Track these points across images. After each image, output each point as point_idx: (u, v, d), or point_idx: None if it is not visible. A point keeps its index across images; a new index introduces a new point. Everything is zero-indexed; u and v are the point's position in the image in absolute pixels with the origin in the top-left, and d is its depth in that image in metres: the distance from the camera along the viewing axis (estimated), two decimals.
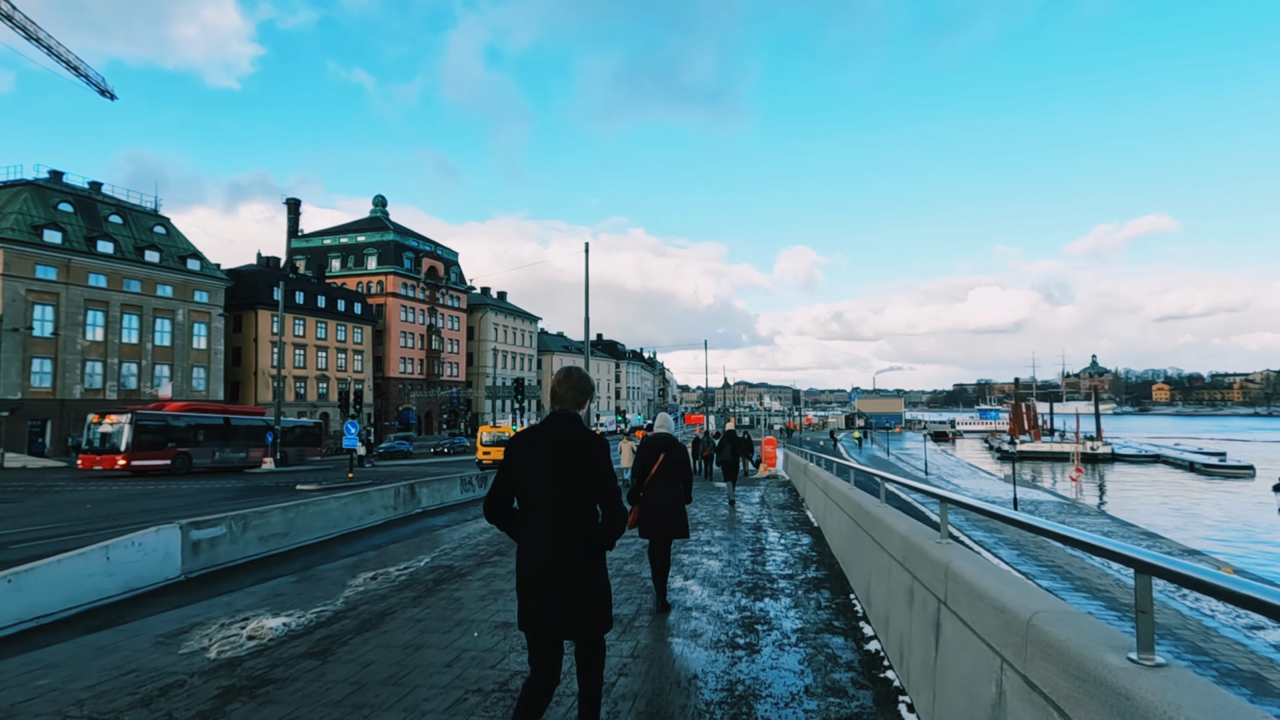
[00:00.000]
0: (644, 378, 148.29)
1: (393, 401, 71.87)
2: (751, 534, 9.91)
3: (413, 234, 79.86)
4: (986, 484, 43.81)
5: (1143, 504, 39.15)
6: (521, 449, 2.97)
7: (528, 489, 2.92)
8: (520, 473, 2.94)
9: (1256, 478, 55.95)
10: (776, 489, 18.59)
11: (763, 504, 14.44)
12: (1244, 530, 31.56)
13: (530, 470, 2.92)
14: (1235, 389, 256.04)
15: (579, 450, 2.91)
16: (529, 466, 2.92)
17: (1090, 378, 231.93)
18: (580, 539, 2.85)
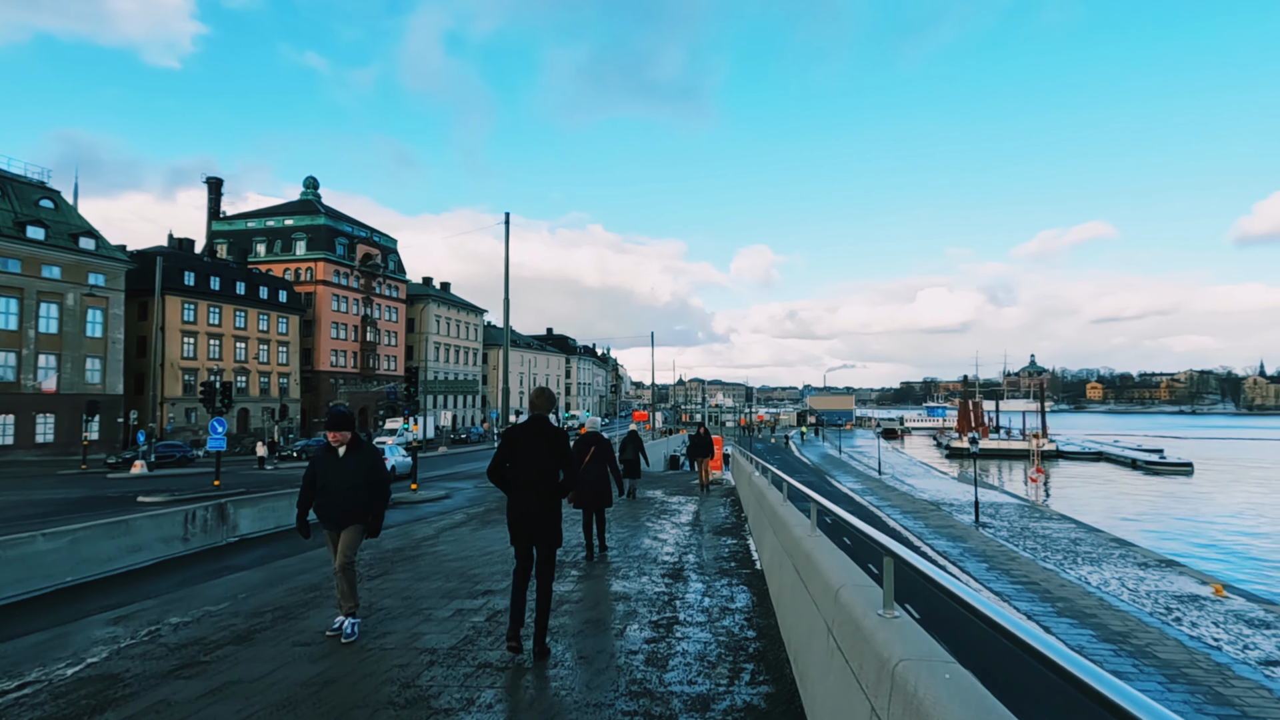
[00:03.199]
0: (596, 374, 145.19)
1: (323, 397, 67.19)
2: (663, 584, 7.11)
3: (347, 219, 74.98)
4: (941, 484, 42.60)
5: (1100, 506, 38.34)
6: (518, 437, 4.91)
7: (521, 461, 4.86)
8: (517, 451, 4.88)
9: (1194, 475, 56.73)
10: (717, 501, 16.04)
11: (695, 525, 11.76)
12: (1212, 534, 30.69)
13: (524, 450, 4.87)
14: (1162, 388, 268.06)
15: (552, 439, 4.93)
16: (523, 448, 4.88)
17: (1029, 377, 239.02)
18: (552, 491, 4.86)
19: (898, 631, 2.29)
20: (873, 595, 2.78)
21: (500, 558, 8.72)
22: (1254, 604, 16.71)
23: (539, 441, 4.88)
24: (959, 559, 20.22)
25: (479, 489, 21.09)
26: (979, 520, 26.78)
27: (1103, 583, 18.16)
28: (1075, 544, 23.18)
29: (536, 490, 4.77)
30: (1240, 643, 13.91)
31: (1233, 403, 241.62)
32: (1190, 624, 14.96)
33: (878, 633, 2.31)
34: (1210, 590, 17.43)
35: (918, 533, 24.09)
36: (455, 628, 5.54)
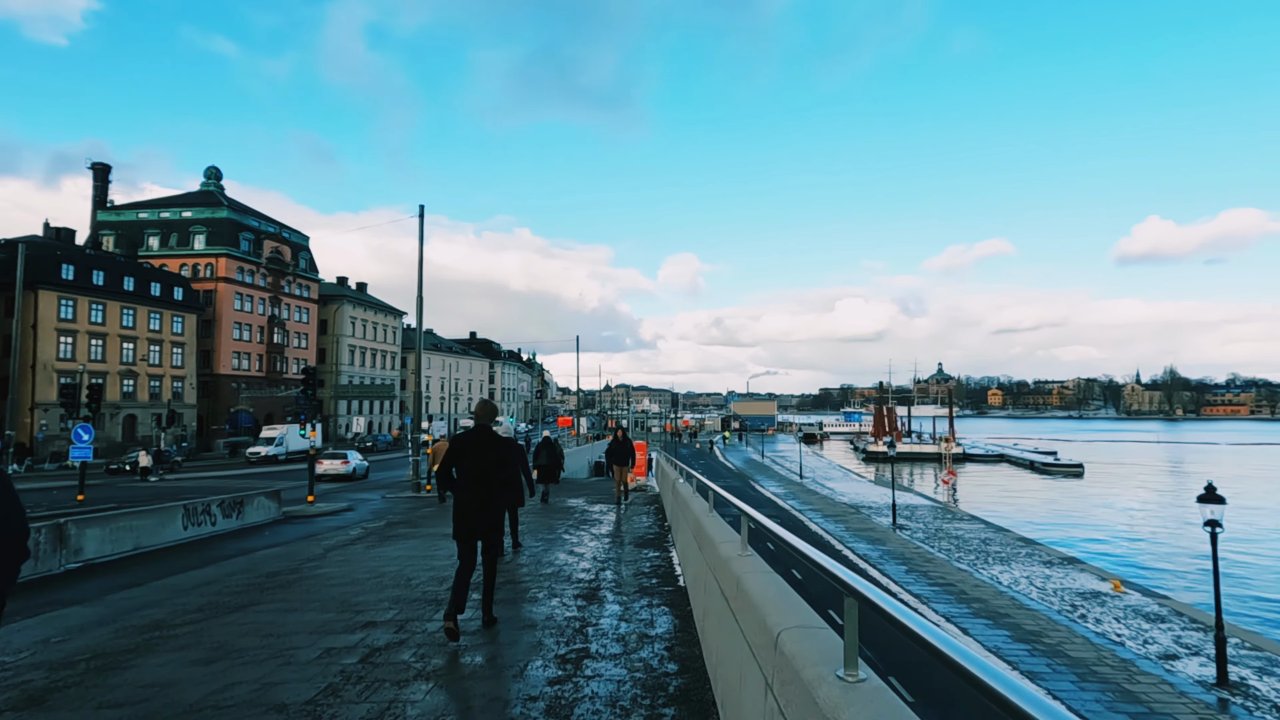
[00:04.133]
0: (521, 379, 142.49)
1: (223, 402, 62.58)
2: (575, 607, 6.36)
3: (254, 213, 70.38)
4: (860, 487, 43.62)
5: (1005, 506, 40.17)
6: (467, 443, 5.55)
7: (470, 465, 5.47)
8: (466, 456, 5.49)
9: (1085, 475, 60.76)
10: (641, 509, 15.43)
11: (615, 537, 11.07)
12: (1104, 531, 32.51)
13: (473, 455, 5.49)
14: (1054, 394, 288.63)
15: (497, 445, 5.59)
16: (472, 453, 5.50)
17: (938, 383, 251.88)
18: (496, 490, 5.50)
19: (870, 707, 1.66)
20: (827, 646, 2.15)
21: (394, 580, 7.74)
22: (1149, 599, 17.51)
23: (484, 448, 5.55)
24: (879, 562, 20.37)
25: (387, 500, 19.65)
26: (896, 523, 27.32)
27: (1013, 582, 18.64)
28: (986, 544, 23.90)
29: (482, 492, 5.48)
30: (1140, 638, 14.42)
31: (1114, 408, 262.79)
32: (1095, 620, 15.44)
33: (843, 710, 1.67)
34: (1110, 586, 18.18)
35: (839, 536, 24.26)
36: (318, 674, 4.61)
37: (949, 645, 1.48)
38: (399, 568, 8.45)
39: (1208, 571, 13.28)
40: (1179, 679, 12.19)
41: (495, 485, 5.46)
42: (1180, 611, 16.33)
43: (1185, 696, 11.35)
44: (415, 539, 11.03)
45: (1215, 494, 12.90)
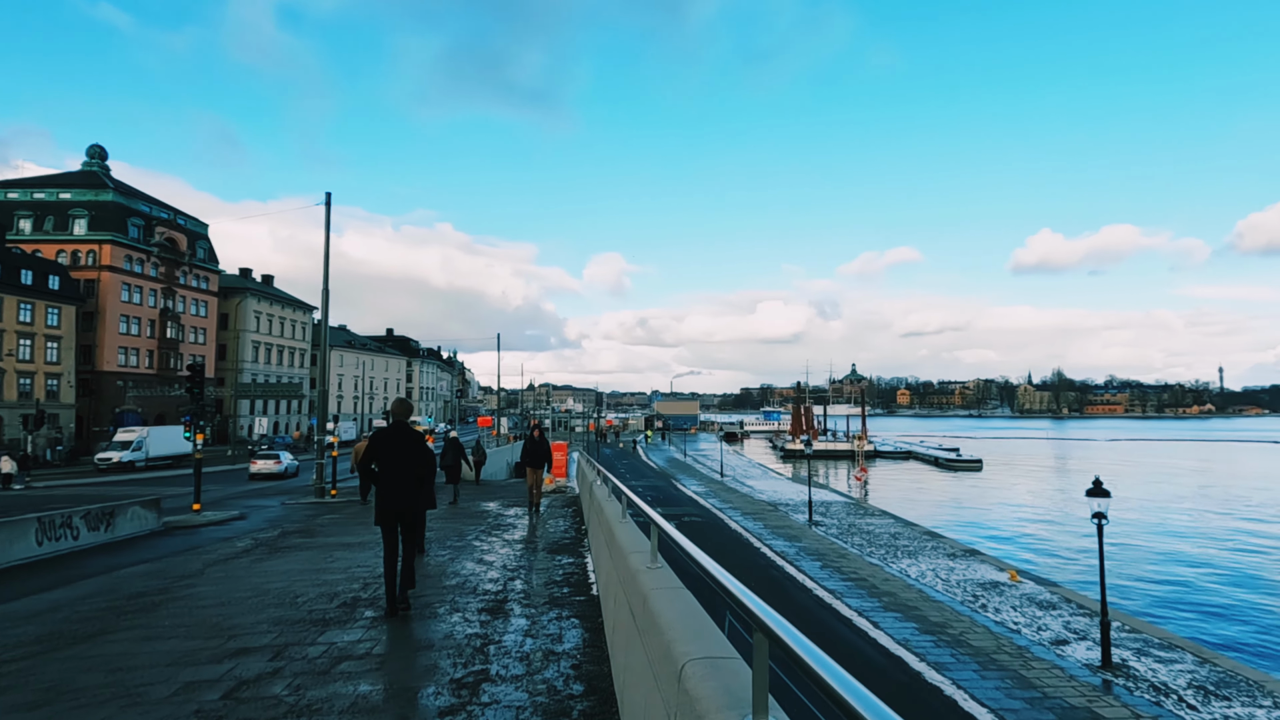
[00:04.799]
0: (441, 378, 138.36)
1: (108, 401, 57.47)
2: (478, 623, 5.86)
3: (145, 197, 65.06)
4: (778, 484, 44.62)
5: (913, 501, 42.06)
6: (386, 439, 6.10)
7: (390, 459, 6.05)
8: (385, 450, 6.05)
9: (984, 470, 64.61)
10: (559, 511, 15.01)
11: (528, 543, 10.63)
12: (1001, 522, 34.49)
13: (392, 449, 6.06)
14: (956, 395, 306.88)
15: (414, 440, 6.14)
16: (391, 448, 6.06)
17: (851, 384, 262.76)
18: (415, 480, 6.11)
19: None
20: (736, 683, 1.88)
21: (278, 598, 7.04)
22: (1041, 587, 18.55)
23: (401, 443, 6.14)
24: (796, 559, 20.72)
25: (286, 507, 18.34)
26: (813, 519, 27.99)
27: (920, 575, 19.35)
28: (895, 538, 24.80)
29: (401, 483, 6.10)
30: (1035, 625, 15.20)
31: (1009, 407, 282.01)
32: (994, 609, 16.18)
33: None
34: (1007, 576, 19.15)
35: (758, 534, 24.59)
36: (167, 716, 4.00)
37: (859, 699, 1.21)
38: (286, 584, 7.73)
39: (1094, 560, 14.14)
40: (1068, 663, 12.88)
41: (413, 477, 6.14)
42: (1069, 598, 17.37)
43: (1074, 680, 11.98)
44: (310, 550, 10.22)
45: (1102, 488, 13.73)
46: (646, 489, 37.59)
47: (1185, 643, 14.52)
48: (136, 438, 42.22)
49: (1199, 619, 19.43)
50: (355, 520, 14.25)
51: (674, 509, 29.79)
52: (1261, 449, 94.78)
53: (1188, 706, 11.18)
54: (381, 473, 6.05)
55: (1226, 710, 11.03)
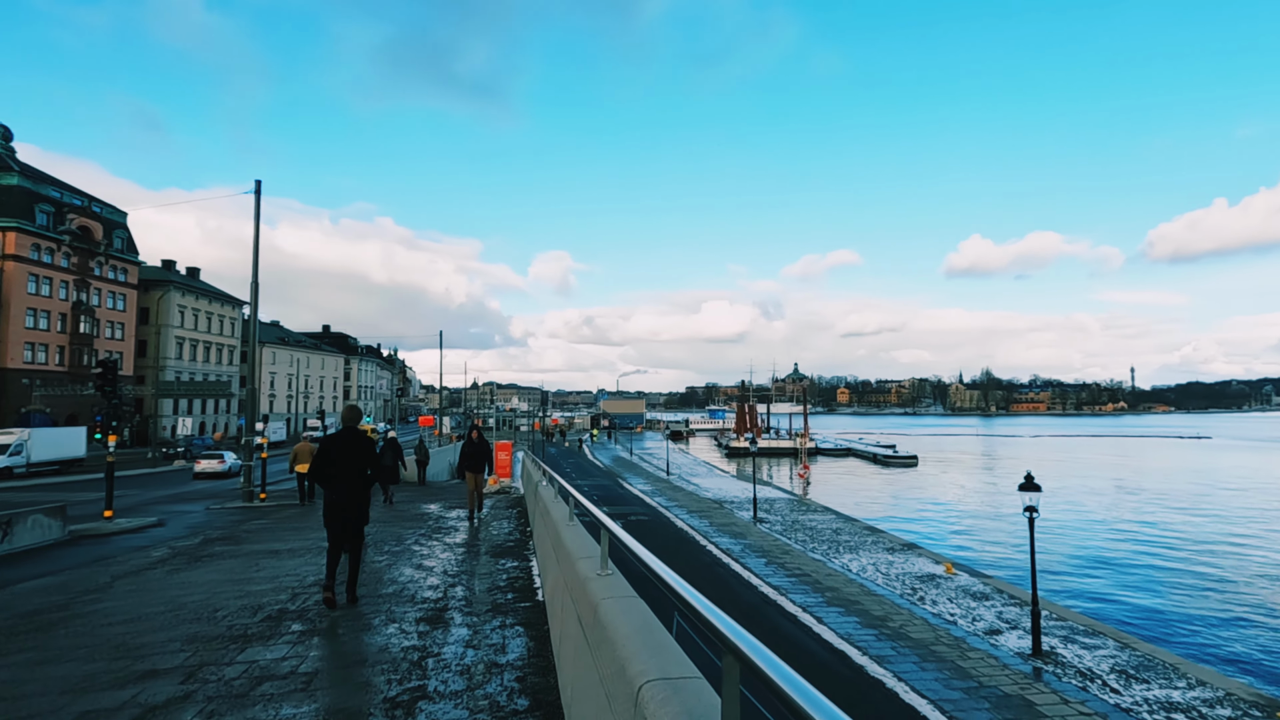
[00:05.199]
0: (381, 376, 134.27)
1: (12, 400, 53.42)
2: (416, 634, 5.54)
3: (55, 181, 60.68)
4: (723, 482, 45.02)
5: (853, 497, 43.10)
6: (338, 443, 6.50)
7: (341, 462, 6.44)
8: (338, 454, 6.45)
9: (919, 465, 66.90)
10: (503, 513, 14.63)
11: (470, 546, 10.27)
12: (936, 516, 35.66)
13: (343, 453, 6.46)
14: (893, 393, 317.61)
15: (364, 444, 6.58)
16: (343, 451, 6.47)
17: (794, 383, 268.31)
18: (364, 483, 6.53)
19: None
20: (698, 704, 1.70)
21: (195, 613, 6.51)
22: (975, 578, 19.20)
23: (352, 446, 6.56)
24: (741, 556, 20.85)
25: (211, 512, 17.30)
26: (757, 516, 28.29)
27: (861, 569, 19.76)
28: (837, 534, 25.30)
29: (350, 485, 6.50)
30: (970, 616, 15.68)
31: (941, 405, 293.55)
32: (932, 602, 16.63)
33: None
34: (943, 569, 19.74)
35: (704, 531, 24.66)
36: None
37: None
38: (205, 596, 7.18)
39: (1024, 550, 14.68)
40: (1002, 652, 13.32)
41: (362, 479, 6.59)
42: (1001, 589, 18.03)
43: (1007, 668, 12.39)
44: (234, 559, 9.58)
45: (1033, 483, 14.25)
46: (593, 488, 37.31)
47: (1107, 629, 15.23)
48: (15, 440, 36.14)
49: (1118, 605, 20.49)
50: (285, 525, 13.53)
51: (620, 508, 29.63)
52: (1168, 444, 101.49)
53: (1111, 690, 11.69)
54: (333, 474, 6.48)
55: (1146, 692, 11.58)
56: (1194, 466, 66.44)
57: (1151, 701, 11.18)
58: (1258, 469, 63.95)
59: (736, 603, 15.81)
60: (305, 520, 14.17)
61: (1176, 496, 43.72)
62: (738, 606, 15.51)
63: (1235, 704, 11.11)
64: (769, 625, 14.28)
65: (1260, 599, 20.98)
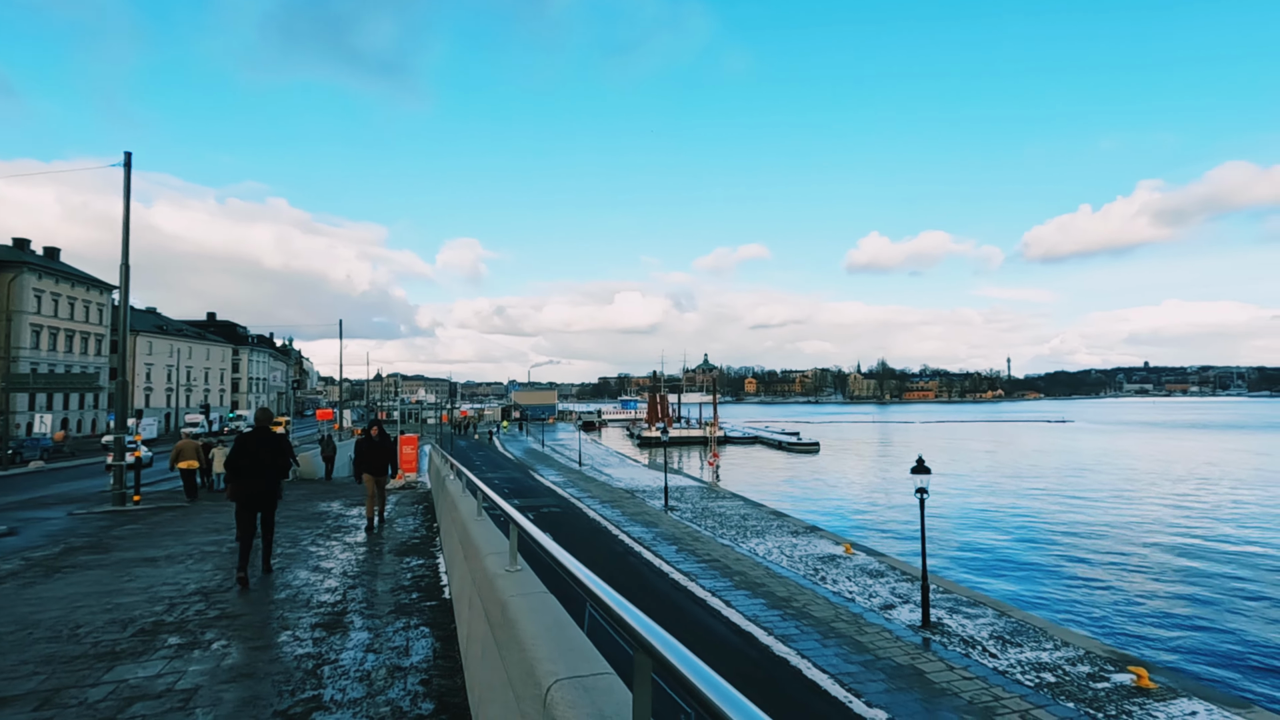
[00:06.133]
0: (274, 368, 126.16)
1: None
2: (311, 641, 5.23)
3: None
4: (635, 471, 45.39)
5: (759, 483, 44.57)
6: (252, 440, 7.57)
7: (254, 456, 7.49)
8: (251, 448, 7.49)
9: (820, 452, 70.05)
10: (408, 509, 14.11)
11: (372, 546, 9.83)
12: (836, 499, 37.42)
13: (256, 448, 7.53)
14: (797, 383, 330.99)
15: (275, 441, 7.71)
16: (256, 447, 7.54)
17: (704, 373, 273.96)
18: (275, 475, 7.67)
19: None
20: (610, 702, 1.64)
21: (52, 631, 5.83)
22: (872, 557, 20.30)
23: (263, 442, 7.63)
24: (653, 544, 21.10)
25: (75, 517, 15.66)
26: (668, 505, 28.72)
27: (767, 552, 20.45)
28: (745, 519, 26.07)
29: (262, 477, 7.53)
30: (867, 593, 16.56)
31: (841, 394, 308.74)
32: (832, 581, 17.45)
33: None
34: (842, 550, 20.74)
35: (616, 521, 24.77)
36: None
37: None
38: (64, 612, 6.47)
39: (916, 529, 15.64)
40: (895, 625, 14.16)
41: (272, 472, 7.68)
42: (895, 566, 19.16)
43: (900, 640, 13.18)
44: (102, 569, 8.70)
45: (924, 465, 15.19)
46: (504, 481, 36.69)
47: (988, 599, 16.50)
48: None
49: (998, 576, 22.25)
50: (163, 530, 12.44)
51: (532, 500, 29.28)
52: (1038, 428, 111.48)
53: (989, 655, 12.67)
54: (245, 466, 7.44)
55: (1019, 655, 12.63)
56: (1058, 448, 73.14)
57: (1024, 663, 12.20)
58: (1110, 450, 71.24)
59: (649, 590, 15.99)
60: (185, 523, 13.10)
61: (1044, 476, 47.99)
62: (650, 594, 15.69)
63: (1093, 661, 12.31)
64: (680, 610, 14.53)
65: (1114, 566, 23.37)
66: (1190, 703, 10.67)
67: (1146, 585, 21.15)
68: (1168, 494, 38.87)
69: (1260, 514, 32.17)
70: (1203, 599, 19.71)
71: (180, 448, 18.17)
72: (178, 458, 18.09)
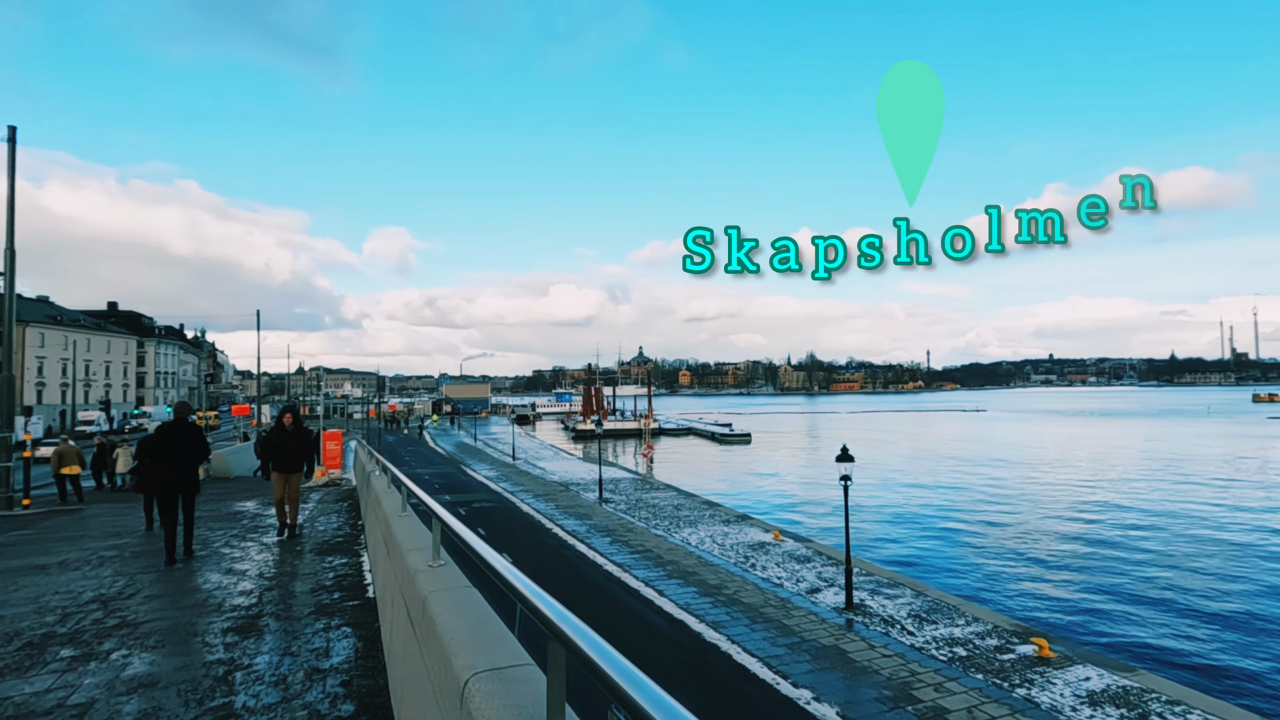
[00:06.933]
0: (185, 361, 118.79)
1: None
2: (222, 647, 4.93)
3: None
4: (569, 465, 45.23)
5: (693, 473, 45.22)
6: (169, 432, 8.33)
7: (172, 447, 8.28)
8: (168, 440, 8.27)
9: (752, 443, 71.68)
10: (332, 507, 13.61)
11: (291, 546, 9.45)
12: (767, 488, 38.37)
13: (174, 440, 8.31)
14: (729, 375, 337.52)
15: (192, 432, 8.51)
16: (173, 439, 8.32)
17: (639, 366, 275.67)
18: (192, 463, 8.47)
19: None
20: (527, 693, 1.63)
21: None
22: (800, 543, 20.94)
23: (180, 434, 8.34)
24: (586, 536, 21.10)
25: None
26: (603, 497, 28.76)
27: (700, 542, 20.79)
28: (678, 509, 26.41)
29: (180, 465, 8.29)
30: (794, 578, 17.08)
31: (772, 386, 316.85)
32: (762, 568, 17.90)
33: None
34: (772, 537, 21.31)
35: (549, 515, 24.64)
36: None
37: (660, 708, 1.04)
38: None
39: (842, 515, 16.22)
40: (821, 608, 14.67)
41: (192, 460, 8.40)
42: (822, 551, 19.84)
43: (825, 623, 13.67)
44: None
45: (848, 454, 15.76)
46: (434, 476, 35.86)
47: (906, 580, 17.30)
48: None
49: (917, 558, 23.36)
50: (55, 535, 11.54)
51: (464, 495, 28.75)
52: (954, 417, 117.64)
53: (907, 632, 13.30)
54: (166, 459, 8.14)
55: (935, 631, 13.32)
56: (974, 437, 77.36)
57: (939, 639, 12.88)
58: (1020, 437, 75.91)
59: (583, 582, 15.99)
60: (81, 527, 12.21)
61: (961, 462, 50.68)
62: (584, 585, 15.69)
63: (1001, 634, 13.12)
64: (614, 601, 14.60)
65: (1022, 545, 24.93)
66: (1084, 669, 11.52)
67: (1050, 561, 22.67)
68: (1070, 478, 41.77)
69: (1150, 494, 34.99)
70: (1098, 573, 21.29)
71: (60, 452, 16.96)
72: (60, 462, 16.83)
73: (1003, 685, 10.85)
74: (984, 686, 10.76)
